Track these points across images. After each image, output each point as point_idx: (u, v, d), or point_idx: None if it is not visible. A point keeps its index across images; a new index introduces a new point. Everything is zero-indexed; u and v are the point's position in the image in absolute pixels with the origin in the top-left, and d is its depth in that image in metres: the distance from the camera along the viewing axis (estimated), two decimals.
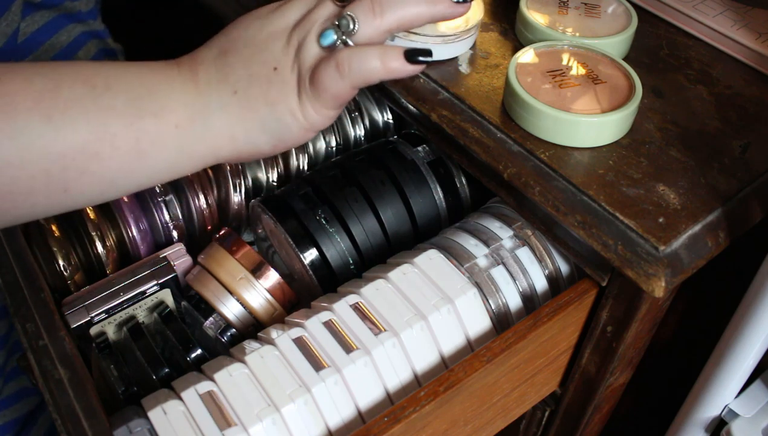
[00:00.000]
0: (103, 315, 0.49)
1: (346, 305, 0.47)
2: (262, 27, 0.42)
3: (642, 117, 0.49)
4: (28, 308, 0.45)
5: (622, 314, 0.45)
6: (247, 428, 0.41)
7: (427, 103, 0.51)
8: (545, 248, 0.50)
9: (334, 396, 0.43)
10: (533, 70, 0.49)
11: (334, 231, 0.53)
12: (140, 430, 0.41)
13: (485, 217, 0.53)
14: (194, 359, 0.49)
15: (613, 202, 0.43)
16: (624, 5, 0.56)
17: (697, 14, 0.57)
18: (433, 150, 0.58)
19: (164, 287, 0.51)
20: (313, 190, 0.55)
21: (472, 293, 0.47)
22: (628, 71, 0.49)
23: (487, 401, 0.47)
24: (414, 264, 0.48)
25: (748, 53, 0.54)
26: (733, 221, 0.44)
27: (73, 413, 0.40)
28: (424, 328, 0.46)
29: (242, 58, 0.41)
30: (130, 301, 0.50)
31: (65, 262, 0.51)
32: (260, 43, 0.42)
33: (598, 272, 0.46)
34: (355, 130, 0.63)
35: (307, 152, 0.61)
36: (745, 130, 0.49)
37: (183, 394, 0.43)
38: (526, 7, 0.55)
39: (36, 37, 0.60)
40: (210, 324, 0.52)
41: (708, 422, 0.48)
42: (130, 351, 0.48)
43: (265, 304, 0.52)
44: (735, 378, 0.45)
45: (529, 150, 0.47)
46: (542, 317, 0.46)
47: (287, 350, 0.44)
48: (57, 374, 0.42)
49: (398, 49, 0.42)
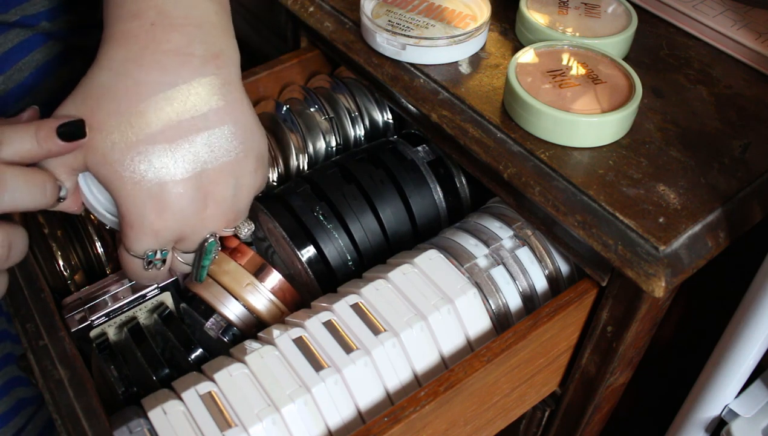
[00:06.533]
0: (103, 319, 0.49)
1: (346, 305, 0.47)
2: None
3: (642, 117, 0.49)
4: (28, 308, 0.45)
5: (622, 314, 0.45)
6: (247, 428, 0.41)
7: (427, 103, 0.51)
8: (545, 248, 0.50)
9: (334, 396, 0.43)
10: (533, 70, 0.49)
11: (332, 228, 0.53)
12: (140, 430, 0.41)
13: (485, 217, 0.53)
14: (195, 359, 0.49)
15: (613, 202, 0.43)
16: (624, 5, 0.56)
17: (697, 14, 0.57)
18: (433, 150, 0.58)
19: (164, 290, 0.51)
20: (311, 187, 0.55)
21: (472, 293, 0.47)
22: (628, 71, 0.49)
23: (487, 401, 0.47)
24: (414, 264, 0.48)
25: (748, 53, 0.54)
26: (733, 221, 0.44)
27: (73, 413, 0.40)
28: (424, 328, 0.46)
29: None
30: (131, 304, 0.50)
31: (65, 262, 0.51)
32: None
33: (598, 272, 0.46)
34: (355, 130, 0.63)
35: (307, 152, 0.61)
36: (745, 130, 0.49)
37: (183, 394, 0.43)
38: (526, 7, 0.55)
39: (8, 56, 0.59)
40: (211, 325, 0.52)
41: (708, 422, 0.48)
42: (130, 352, 0.48)
43: (270, 306, 0.52)
44: (735, 378, 0.45)
45: (529, 150, 0.47)
46: (542, 317, 0.46)
47: (287, 350, 0.44)
48: (57, 374, 0.42)
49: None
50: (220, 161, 0.42)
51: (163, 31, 0.40)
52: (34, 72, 0.59)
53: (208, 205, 0.42)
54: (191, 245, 0.44)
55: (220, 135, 0.42)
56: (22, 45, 0.57)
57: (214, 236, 0.44)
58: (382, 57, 0.54)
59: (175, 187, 0.41)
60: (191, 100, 0.41)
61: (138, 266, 0.43)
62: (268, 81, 0.65)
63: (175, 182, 0.41)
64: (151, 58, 0.40)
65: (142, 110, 0.40)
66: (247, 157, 0.43)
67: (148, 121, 0.40)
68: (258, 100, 0.64)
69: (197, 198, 0.42)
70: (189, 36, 0.41)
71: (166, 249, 0.43)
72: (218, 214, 0.43)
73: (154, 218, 0.41)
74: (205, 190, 0.42)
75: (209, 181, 0.42)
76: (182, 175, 0.41)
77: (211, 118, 0.41)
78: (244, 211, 0.46)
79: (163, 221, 0.41)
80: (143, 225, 0.41)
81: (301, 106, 0.62)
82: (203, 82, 0.41)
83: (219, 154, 0.42)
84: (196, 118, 0.41)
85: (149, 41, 0.40)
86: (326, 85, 0.64)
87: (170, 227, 0.42)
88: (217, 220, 0.43)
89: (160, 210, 0.41)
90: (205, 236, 0.44)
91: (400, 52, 0.53)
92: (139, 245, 0.42)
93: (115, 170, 0.40)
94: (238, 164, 0.43)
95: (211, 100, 0.41)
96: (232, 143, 0.42)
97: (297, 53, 0.67)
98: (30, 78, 0.59)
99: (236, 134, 0.42)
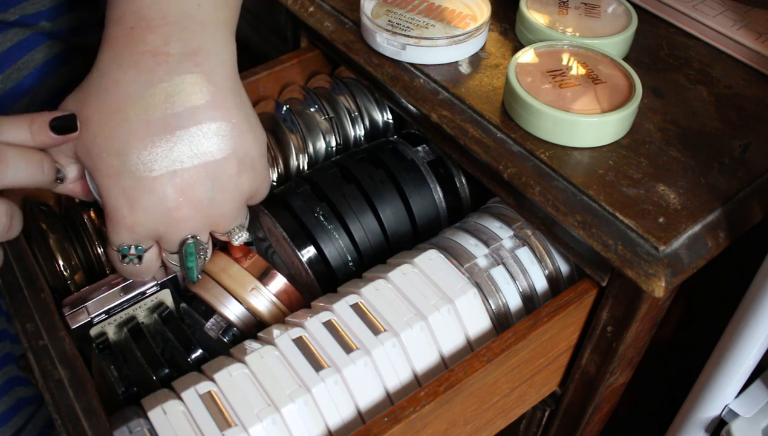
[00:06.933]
0: (103, 316, 0.49)
1: (346, 305, 0.47)
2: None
3: (642, 117, 0.49)
4: (28, 308, 0.45)
5: (622, 314, 0.45)
6: (247, 428, 0.41)
7: (427, 103, 0.51)
8: (545, 248, 0.50)
9: (334, 396, 0.43)
10: (533, 70, 0.49)
11: (332, 228, 0.53)
12: (140, 430, 0.41)
13: (485, 217, 0.53)
14: (195, 359, 0.49)
15: (613, 202, 0.43)
16: (624, 5, 0.56)
17: (697, 14, 0.57)
18: (433, 150, 0.58)
19: (164, 287, 0.51)
20: (311, 188, 0.55)
21: (472, 293, 0.47)
22: (628, 71, 0.49)
23: (487, 401, 0.47)
24: (414, 264, 0.48)
25: (748, 53, 0.54)
26: (733, 221, 0.44)
27: (73, 413, 0.40)
28: (424, 328, 0.46)
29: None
30: (131, 301, 0.50)
31: (65, 262, 0.51)
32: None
33: (598, 272, 0.46)
34: (355, 130, 0.63)
35: (307, 152, 0.61)
36: (745, 130, 0.49)
37: (183, 394, 0.43)
38: (526, 7, 0.55)
39: (7, 55, 0.59)
40: (211, 325, 0.52)
41: (708, 422, 0.48)
42: (130, 351, 0.48)
43: (274, 309, 0.52)
44: (735, 378, 0.45)
45: (529, 150, 0.47)
46: (542, 317, 0.46)
47: (287, 350, 0.44)
48: (57, 374, 0.42)
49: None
50: (196, 161, 0.42)
51: (141, 34, 0.41)
52: (34, 72, 0.59)
53: (183, 205, 0.42)
54: (171, 245, 0.44)
55: (198, 134, 0.41)
56: (21, 44, 0.57)
57: (194, 238, 0.44)
58: (382, 57, 0.54)
59: (146, 184, 0.41)
60: (169, 99, 0.41)
61: (115, 259, 0.44)
62: (268, 81, 0.65)
63: (147, 179, 0.41)
64: (129, 60, 0.41)
65: (120, 108, 0.41)
66: (228, 159, 0.42)
67: (125, 118, 0.41)
68: (258, 100, 0.64)
69: (170, 197, 0.42)
70: (165, 36, 0.41)
71: (141, 245, 0.43)
72: (195, 215, 0.43)
73: (127, 212, 0.42)
74: (179, 190, 0.42)
75: (183, 182, 0.42)
76: (155, 173, 0.41)
77: (187, 118, 0.41)
78: (231, 215, 0.45)
79: (135, 216, 0.42)
80: (117, 219, 0.42)
81: (301, 106, 0.62)
82: (180, 80, 0.41)
83: (195, 154, 0.41)
84: (171, 117, 0.41)
85: (128, 43, 0.41)
86: (326, 85, 0.64)
87: (143, 224, 0.42)
88: (194, 221, 0.43)
89: (132, 206, 0.41)
90: (185, 236, 0.44)
91: (400, 52, 0.53)
92: (116, 238, 0.43)
93: (95, 164, 0.42)
94: (218, 165, 0.42)
95: (190, 99, 0.41)
96: (213, 143, 0.42)
97: (297, 53, 0.67)
98: (29, 77, 0.59)
99: (220, 134, 0.42)
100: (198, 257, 0.45)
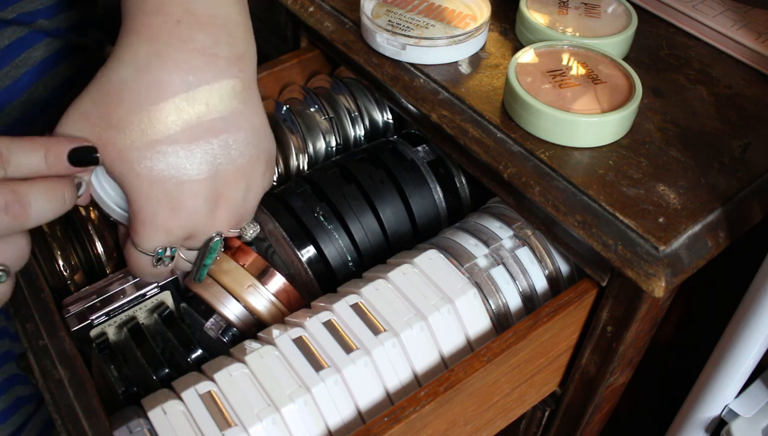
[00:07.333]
0: (103, 318, 0.49)
1: (346, 305, 0.47)
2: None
3: (642, 117, 0.49)
4: (28, 308, 0.45)
5: (622, 314, 0.45)
6: (247, 428, 0.41)
7: (427, 103, 0.51)
8: (545, 248, 0.50)
9: (334, 396, 0.43)
10: (533, 70, 0.49)
11: (332, 228, 0.53)
12: (140, 430, 0.41)
13: (485, 217, 0.53)
14: (195, 359, 0.49)
15: (613, 202, 0.43)
16: (624, 5, 0.56)
17: (697, 14, 0.57)
18: (433, 150, 0.58)
19: (164, 289, 0.51)
20: (311, 188, 0.55)
21: (472, 293, 0.47)
22: (628, 71, 0.49)
23: (487, 401, 0.47)
24: (414, 264, 0.48)
25: (748, 53, 0.54)
26: (733, 221, 0.44)
27: (73, 413, 0.40)
28: (424, 328, 0.46)
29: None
30: (131, 303, 0.50)
31: (65, 262, 0.51)
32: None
33: (598, 272, 0.46)
34: (355, 130, 0.63)
35: (307, 152, 0.61)
36: (745, 130, 0.49)
37: (183, 394, 0.43)
38: (526, 7, 0.55)
39: (5, 53, 0.59)
40: (211, 325, 0.52)
41: (708, 422, 0.48)
42: (130, 352, 0.48)
43: (272, 308, 0.52)
44: (735, 378, 0.45)
45: (529, 150, 0.47)
46: (542, 317, 0.46)
47: (287, 350, 0.44)
48: (57, 374, 0.42)
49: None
50: (234, 164, 0.42)
51: (190, 30, 0.39)
52: (31, 69, 0.59)
53: (220, 205, 0.43)
54: (197, 243, 0.44)
55: (237, 138, 0.42)
56: (18, 42, 0.57)
57: (219, 236, 0.44)
58: (382, 57, 0.54)
59: (191, 187, 0.41)
60: (213, 102, 0.40)
61: (146, 262, 0.43)
62: (268, 81, 0.65)
63: (191, 182, 0.41)
64: (176, 57, 0.39)
65: (163, 109, 0.39)
66: (258, 160, 0.43)
67: (168, 121, 0.40)
68: None
69: (210, 198, 0.42)
70: (214, 36, 0.40)
71: (175, 246, 0.43)
72: (227, 215, 0.44)
73: (168, 215, 0.41)
74: (218, 191, 0.42)
75: (223, 183, 0.42)
76: (198, 176, 0.41)
77: (230, 121, 0.41)
78: (251, 212, 0.46)
79: (177, 219, 0.41)
80: (156, 222, 0.41)
81: (301, 106, 0.62)
82: (226, 84, 0.41)
83: (234, 157, 0.42)
84: (215, 121, 0.41)
85: (174, 38, 0.39)
86: (326, 85, 0.64)
87: (182, 226, 0.42)
88: (225, 220, 0.44)
89: (175, 209, 0.41)
90: (212, 235, 0.44)
91: (400, 52, 0.53)
92: (150, 242, 0.42)
93: (132, 168, 0.40)
94: (251, 167, 0.43)
95: (232, 103, 0.41)
96: (247, 146, 0.42)
97: (297, 53, 0.67)
98: (27, 76, 0.58)
99: (251, 138, 0.43)
100: (217, 254, 0.46)
